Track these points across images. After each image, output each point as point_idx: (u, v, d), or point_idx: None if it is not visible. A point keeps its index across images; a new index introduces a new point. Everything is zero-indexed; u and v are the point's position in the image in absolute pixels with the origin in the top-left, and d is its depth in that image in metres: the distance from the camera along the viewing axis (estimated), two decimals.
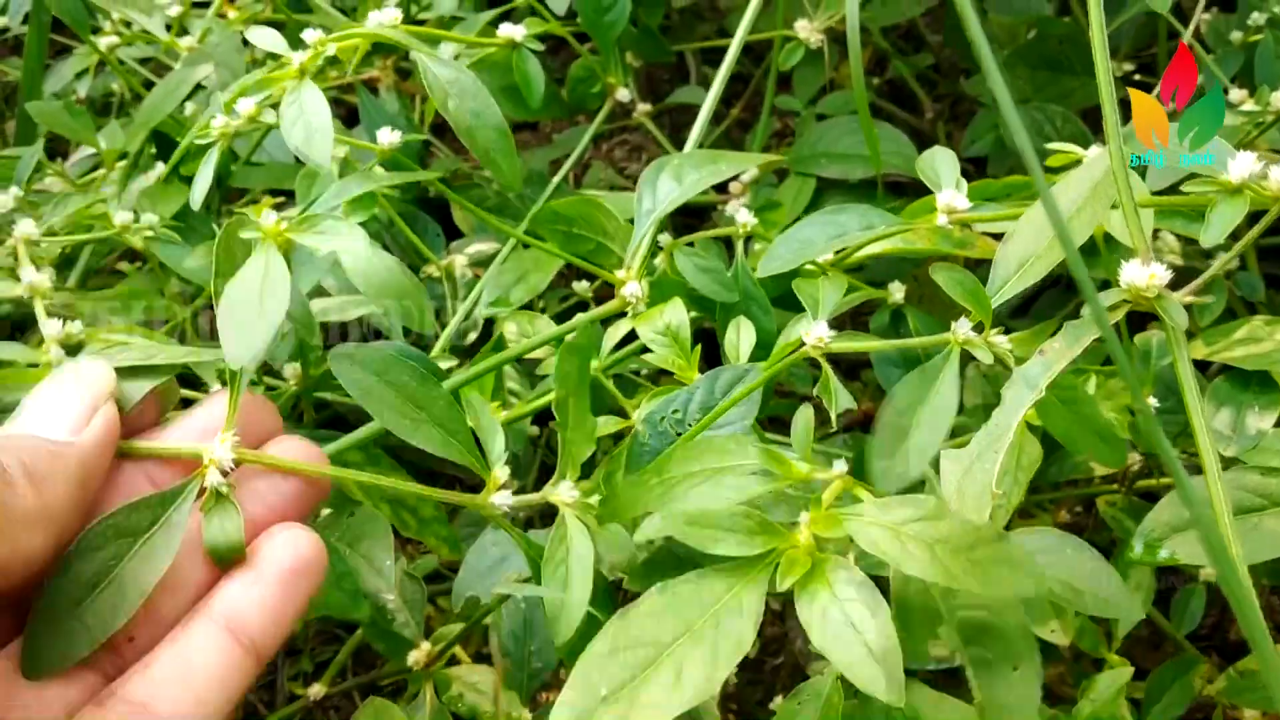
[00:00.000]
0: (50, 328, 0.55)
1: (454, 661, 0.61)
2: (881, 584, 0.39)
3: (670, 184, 0.62)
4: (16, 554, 0.35)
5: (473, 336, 0.74)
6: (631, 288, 0.59)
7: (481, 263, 0.80)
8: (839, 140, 0.80)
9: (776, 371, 0.51)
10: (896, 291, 0.66)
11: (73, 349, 0.54)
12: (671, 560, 0.44)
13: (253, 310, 0.40)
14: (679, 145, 1.00)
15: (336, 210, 0.50)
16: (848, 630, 0.36)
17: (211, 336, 0.77)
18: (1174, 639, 0.69)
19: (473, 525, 0.65)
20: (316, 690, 0.63)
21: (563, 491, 0.46)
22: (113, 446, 0.39)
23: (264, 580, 0.39)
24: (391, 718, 0.52)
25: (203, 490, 0.39)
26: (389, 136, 0.58)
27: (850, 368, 0.90)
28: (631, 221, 0.65)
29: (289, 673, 0.72)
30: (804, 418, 0.43)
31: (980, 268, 0.49)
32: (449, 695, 0.59)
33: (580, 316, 0.62)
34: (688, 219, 0.97)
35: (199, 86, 0.76)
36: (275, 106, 0.57)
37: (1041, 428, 0.56)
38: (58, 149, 0.96)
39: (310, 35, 0.56)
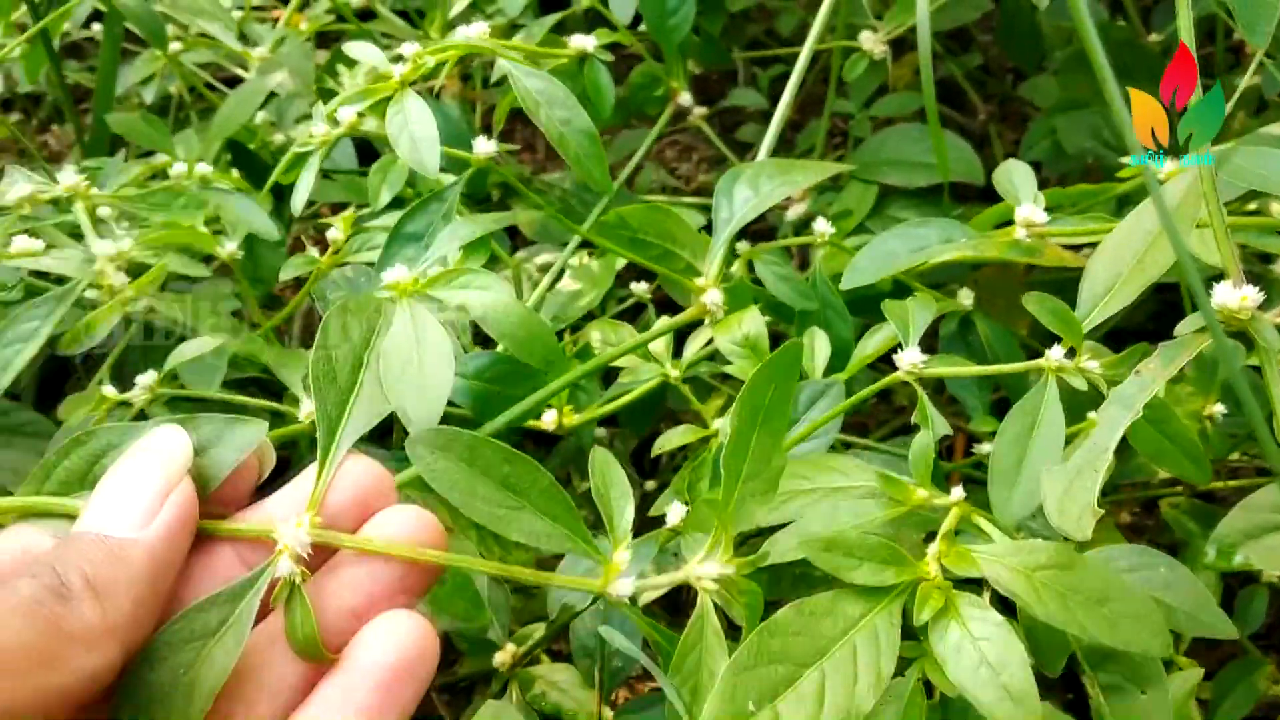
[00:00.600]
0: None
1: (533, 660, 0.63)
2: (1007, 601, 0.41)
3: (747, 193, 0.63)
4: (80, 674, 0.32)
5: None
6: (712, 296, 0.60)
7: (545, 269, 0.81)
8: (901, 148, 0.81)
9: (854, 383, 0.52)
10: (965, 298, 0.67)
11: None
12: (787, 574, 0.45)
13: (416, 371, 0.40)
14: (730, 145, 1.01)
15: (454, 252, 0.50)
16: (984, 669, 0.37)
17: (304, 343, 0.79)
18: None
19: None
20: None
21: (709, 570, 0.39)
22: (188, 534, 0.36)
23: (359, 684, 0.34)
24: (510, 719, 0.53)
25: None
26: (485, 146, 0.59)
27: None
28: (705, 229, 0.66)
29: None
30: (923, 445, 0.45)
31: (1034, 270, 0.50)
32: (531, 694, 0.60)
33: (664, 321, 0.63)
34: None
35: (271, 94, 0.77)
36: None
37: None
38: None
39: (409, 49, 0.57)
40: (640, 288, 0.81)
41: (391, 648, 0.35)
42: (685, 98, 0.86)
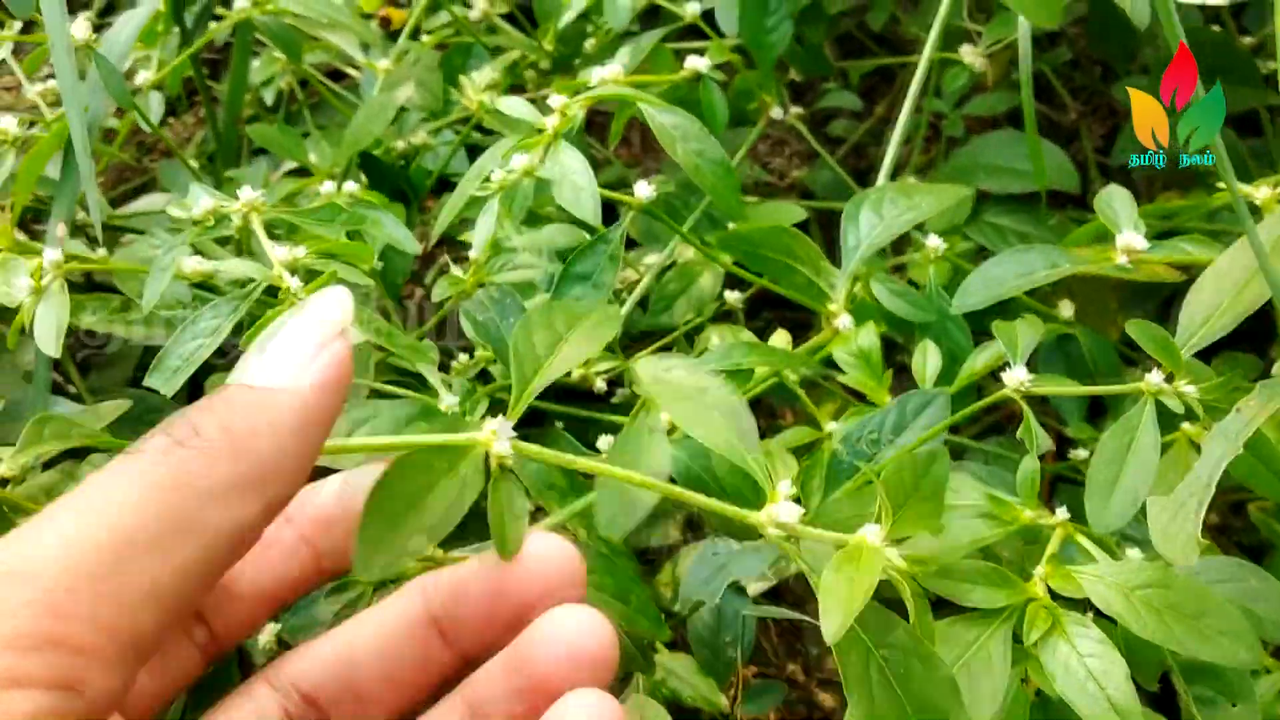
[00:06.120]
0: None
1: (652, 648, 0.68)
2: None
3: (872, 218, 0.66)
4: (220, 535, 0.30)
5: None
6: (844, 321, 0.64)
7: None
8: (997, 153, 0.84)
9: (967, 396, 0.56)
10: (1066, 310, 0.70)
11: None
12: None
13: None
14: (822, 140, 1.04)
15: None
16: (1090, 684, 0.41)
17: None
18: None
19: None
20: None
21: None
22: (341, 390, 0.34)
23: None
24: (655, 714, 0.58)
25: None
26: (645, 190, 0.63)
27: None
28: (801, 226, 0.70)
29: None
30: (1029, 467, 0.48)
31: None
32: (652, 681, 0.65)
33: (791, 344, 0.68)
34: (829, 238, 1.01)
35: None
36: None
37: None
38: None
39: (555, 100, 0.62)
40: (733, 296, 0.82)
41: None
42: (777, 111, 0.89)
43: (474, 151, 0.92)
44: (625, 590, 0.56)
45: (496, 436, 0.39)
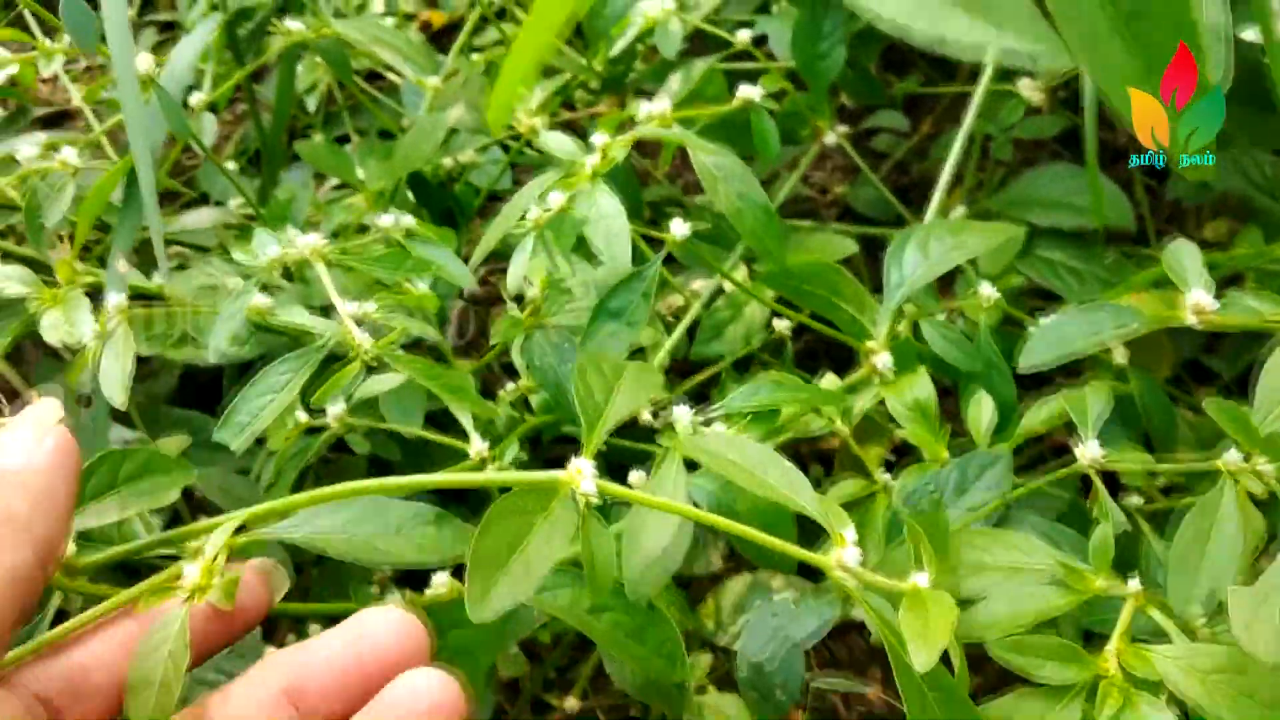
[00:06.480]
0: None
1: (700, 690, 0.67)
2: None
3: (917, 257, 0.66)
4: None
5: None
6: (883, 360, 0.64)
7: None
8: (1052, 187, 0.83)
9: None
10: (1119, 354, 0.70)
11: None
12: None
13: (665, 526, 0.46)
14: (864, 154, 1.03)
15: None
16: None
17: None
18: None
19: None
20: (572, 704, 0.70)
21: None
22: (73, 463, 0.41)
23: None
24: None
25: None
26: (681, 229, 0.63)
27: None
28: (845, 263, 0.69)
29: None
30: (1104, 535, 0.48)
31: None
32: None
33: (833, 380, 0.67)
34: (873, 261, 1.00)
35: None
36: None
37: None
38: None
39: (599, 139, 0.61)
40: (782, 325, 0.79)
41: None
42: (831, 137, 0.88)
43: (520, 172, 0.92)
44: (641, 629, 0.56)
45: (581, 475, 0.43)
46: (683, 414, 0.59)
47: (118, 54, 0.54)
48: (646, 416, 0.74)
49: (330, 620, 0.57)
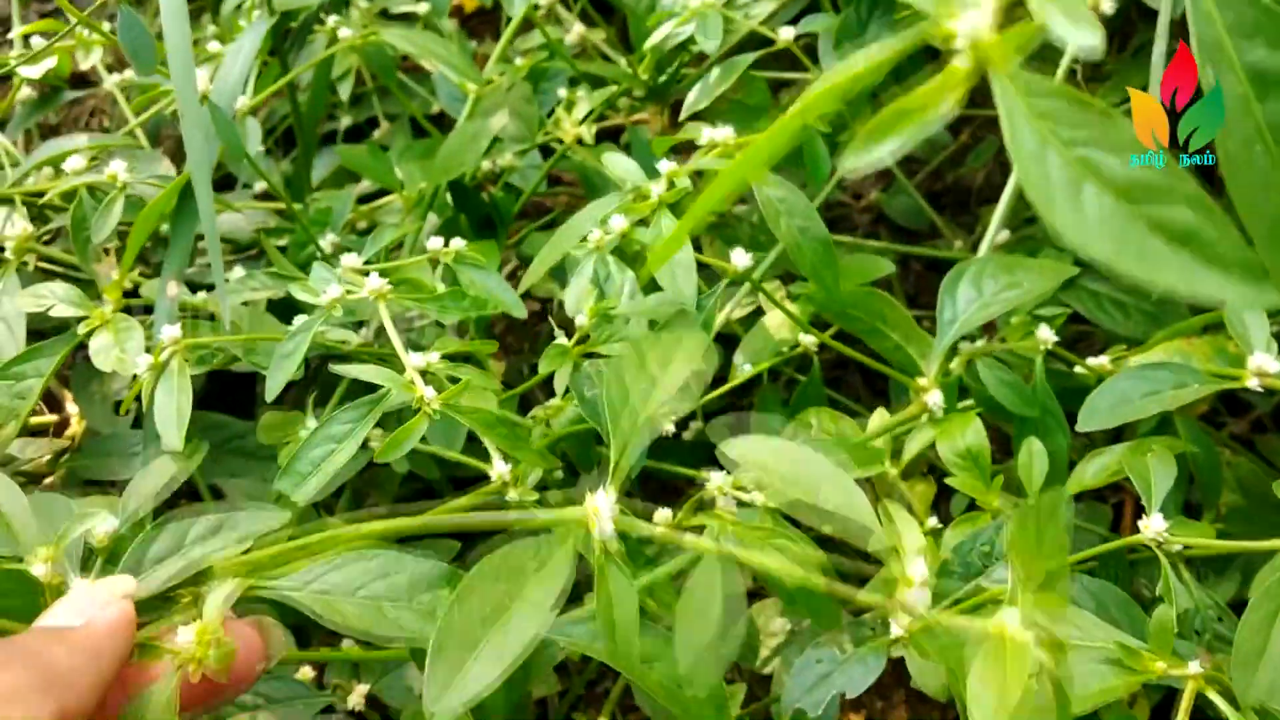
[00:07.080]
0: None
1: None
2: None
3: (971, 293, 0.65)
4: None
5: None
6: (934, 397, 0.63)
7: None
8: None
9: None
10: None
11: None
12: None
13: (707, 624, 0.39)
14: (900, 162, 1.02)
15: None
16: None
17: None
18: None
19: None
20: None
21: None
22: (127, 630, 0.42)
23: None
24: None
25: None
26: (743, 259, 0.62)
27: None
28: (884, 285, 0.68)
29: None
30: (1164, 617, 0.48)
31: None
32: None
33: (882, 415, 0.67)
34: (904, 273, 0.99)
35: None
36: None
37: None
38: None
39: (665, 166, 0.60)
40: (808, 340, 0.76)
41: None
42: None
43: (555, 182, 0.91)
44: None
45: (598, 516, 0.37)
46: (717, 478, 0.57)
47: (180, 81, 0.53)
48: (669, 426, 0.74)
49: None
